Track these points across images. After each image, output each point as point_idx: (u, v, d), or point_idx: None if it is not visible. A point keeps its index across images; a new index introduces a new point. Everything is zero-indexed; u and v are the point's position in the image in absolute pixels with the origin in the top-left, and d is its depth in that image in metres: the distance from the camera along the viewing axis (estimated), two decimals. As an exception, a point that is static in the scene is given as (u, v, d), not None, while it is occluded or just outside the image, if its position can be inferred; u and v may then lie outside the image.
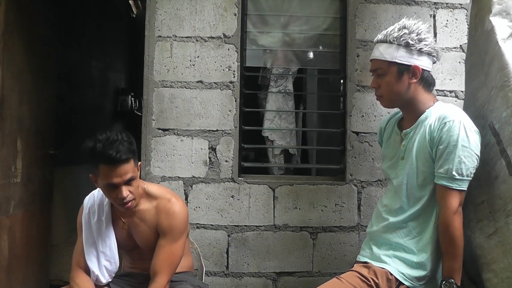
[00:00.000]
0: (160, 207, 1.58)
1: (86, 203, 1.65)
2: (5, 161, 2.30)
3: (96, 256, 1.58)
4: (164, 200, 1.59)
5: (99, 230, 1.59)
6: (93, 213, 1.61)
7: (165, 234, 1.56)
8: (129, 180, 1.46)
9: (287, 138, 3.32)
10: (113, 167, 1.42)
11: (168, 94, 2.29)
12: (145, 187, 1.61)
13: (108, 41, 5.14)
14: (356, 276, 1.45)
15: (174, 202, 1.59)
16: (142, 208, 1.59)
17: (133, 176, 1.47)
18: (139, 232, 1.61)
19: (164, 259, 1.53)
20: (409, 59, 1.44)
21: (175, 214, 1.56)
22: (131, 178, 1.46)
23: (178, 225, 1.56)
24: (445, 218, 1.36)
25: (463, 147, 1.35)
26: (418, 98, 1.48)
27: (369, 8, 2.35)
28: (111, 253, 1.59)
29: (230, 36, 2.31)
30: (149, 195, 1.61)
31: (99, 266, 1.58)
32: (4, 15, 2.23)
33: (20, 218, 2.46)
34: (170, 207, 1.57)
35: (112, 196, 1.49)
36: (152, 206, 1.59)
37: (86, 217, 1.61)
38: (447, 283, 1.33)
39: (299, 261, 2.29)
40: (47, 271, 2.86)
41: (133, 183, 1.48)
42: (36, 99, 2.61)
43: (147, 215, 1.59)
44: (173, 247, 1.55)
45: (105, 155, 1.41)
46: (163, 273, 1.51)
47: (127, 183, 1.46)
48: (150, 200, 1.60)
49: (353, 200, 2.32)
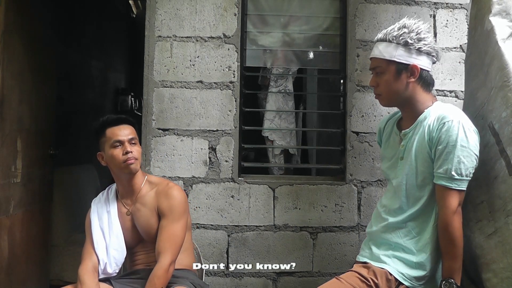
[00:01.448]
0: (159, 190, 1.72)
1: (94, 202, 1.79)
2: (5, 161, 2.30)
3: (105, 246, 1.69)
4: (163, 184, 1.74)
5: (107, 221, 1.72)
6: (101, 207, 1.76)
7: (165, 215, 1.66)
8: (132, 139, 1.68)
9: (287, 138, 3.32)
10: (118, 127, 1.68)
11: (168, 94, 2.29)
12: (147, 178, 1.78)
13: (108, 41, 5.14)
14: (355, 276, 1.45)
15: (172, 186, 1.73)
16: (143, 194, 1.73)
17: (135, 137, 1.70)
18: (141, 218, 1.71)
19: (167, 239, 1.62)
20: (408, 58, 1.44)
21: (173, 195, 1.69)
22: (133, 138, 1.69)
23: (177, 205, 1.68)
24: (445, 218, 1.36)
25: (462, 147, 1.35)
26: (416, 97, 1.48)
27: (369, 8, 2.35)
28: (118, 242, 1.70)
29: (230, 36, 2.31)
30: (150, 182, 1.77)
31: (108, 256, 1.68)
32: (4, 15, 2.23)
33: (20, 218, 2.46)
34: (168, 189, 1.71)
35: (117, 155, 1.65)
36: (152, 191, 1.73)
37: (95, 213, 1.74)
38: (447, 283, 1.33)
39: (299, 261, 2.29)
40: (47, 271, 2.86)
41: (136, 145, 1.69)
42: (36, 99, 2.61)
43: (148, 199, 1.72)
44: (174, 227, 1.64)
45: (111, 119, 1.71)
46: (167, 252, 1.59)
47: (131, 142, 1.67)
48: (151, 187, 1.75)
49: (353, 200, 2.32)
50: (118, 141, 1.66)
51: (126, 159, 1.65)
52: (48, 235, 2.85)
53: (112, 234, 1.70)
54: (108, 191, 1.81)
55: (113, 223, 1.72)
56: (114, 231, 1.71)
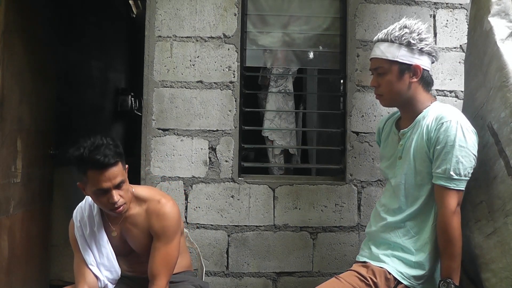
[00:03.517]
0: (151, 210, 1.55)
1: (76, 216, 1.61)
2: (5, 161, 2.30)
3: (97, 267, 1.56)
4: (154, 202, 1.57)
5: (94, 241, 1.57)
6: (85, 226, 1.58)
7: (158, 237, 1.53)
8: (119, 184, 1.44)
9: (287, 138, 3.32)
10: (102, 172, 1.39)
11: (168, 94, 2.29)
12: (133, 191, 1.58)
13: (108, 41, 5.14)
14: (354, 276, 1.45)
15: (164, 203, 1.56)
16: (133, 213, 1.57)
17: (123, 179, 1.45)
18: (133, 238, 1.59)
19: (161, 261, 1.51)
20: (410, 59, 1.44)
21: (166, 215, 1.54)
22: (121, 181, 1.44)
23: (171, 225, 1.54)
24: (444, 218, 1.36)
25: (461, 147, 1.35)
26: (417, 97, 1.48)
27: (369, 8, 2.35)
28: (110, 263, 1.58)
29: (230, 36, 2.32)
30: (138, 198, 1.58)
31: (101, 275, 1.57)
32: (4, 15, 2.23)
33: (20, 218, 2.47)
34: (160, 209, 1.55)
35: (102, 202, 1.46)
36: (142, 210, 1.57)
37: (79, 230, 1.58)
38: (445, 283, 1.34)
39: (299, 261, 2.29)
40: (47, 271, 2.86)
41: (123, 187, 1.46)
42: (36, 99, 2.61)
43: (138, 219, 1.56)
44: (168, 248, 1.53)
45: (93, 160, 1.38)
46: (161, 275, 1.50)
47: (117, 187, 1.44)
48: (139, 204, 1.58)
49: (353, 200, 2.32)
50: (103, 189, 1.42)
51: (112, 208, 1.46)
52: (48, 235, 2.85)
53: (102, 256, 1.57)
54: (90, 205, 1.61)
55: (101, 244, 1.56)
56: (104, 253, 1.57)
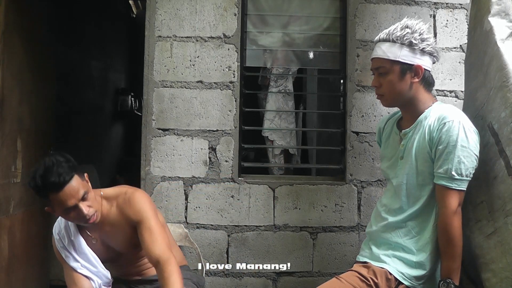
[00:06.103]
0: (121, 203, 1.56)
1: (55, 231, 1.61)
2: (5, 161, 2.30)
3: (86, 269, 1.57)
4: (121, 195, 1.57)
5: (74, 249, 1.57)
6: (63, 237, 1.58)
7: (138, 222, 1.52)
8: (83, 196, 1.43)
9: (287, 138, 3.32)
10: (62, 191, 1.38)
11: (168, 94, 2.29)
12: (102, 194, 1.58)
13: (108, 41, 5.15)
14: (355, 276, 1.45)
15: (131, 192, 1.57)
16: (107, 214, 1.56)
17: (85, 190, 1.45)
18: (115, 239, 1.58)
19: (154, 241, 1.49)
20: (412, 59, 1.44)
21: (135, 200, 1.54)
22: (84, 193, 1.43)
23: (144, 207, 1.54)
24: (445, 218, 1.36)
25: (462, 147, 1.35)
26: (418, 97, 1.48)
27: (369, 8, 2.35)
28: (95, 268, 1.57)
29: (230, 36, 2.32)
30: (108, 199, 1.58)
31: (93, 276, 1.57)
32: (4, 15, 2.23)
33: (20, 218, 2.47)
34: (129, 197, 1.55)
35: (75, 218, 1.46)
36: (114, 207, 1.57)
37: (59, 243, 1.58)
38: (444, 283, 1.34)
39: (299, 261, 2.29)
40: (47, 271, 2.86)
41: (89, 197, 1.46)
42: (36, 99, 2.61)
43: (113, 217, 1.56)
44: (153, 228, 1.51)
45: (49, 184, 1.37)
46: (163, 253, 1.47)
47: (83, 199, 1.43)
48: (110, 203, 1.58)
49: (353, 200, 2.32)
50: (70, 208, 1.42)
51: (85, 221, 1.46)
52: (48, 235, 2.83)
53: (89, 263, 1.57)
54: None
55: (81, 252, 1.56)
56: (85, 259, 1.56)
